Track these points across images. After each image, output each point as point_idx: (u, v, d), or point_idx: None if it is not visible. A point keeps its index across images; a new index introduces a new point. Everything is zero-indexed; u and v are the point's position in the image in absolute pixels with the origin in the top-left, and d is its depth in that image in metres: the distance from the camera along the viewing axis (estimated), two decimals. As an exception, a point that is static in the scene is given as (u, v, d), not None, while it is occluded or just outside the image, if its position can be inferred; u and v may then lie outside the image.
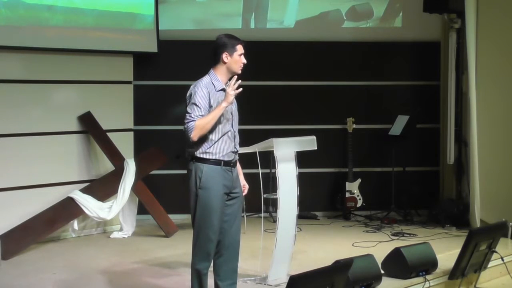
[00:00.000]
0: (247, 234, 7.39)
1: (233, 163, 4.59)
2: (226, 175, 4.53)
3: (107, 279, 5.72)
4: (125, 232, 7.38)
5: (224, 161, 4.51)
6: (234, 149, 4.59)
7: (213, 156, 4.50)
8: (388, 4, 8.76)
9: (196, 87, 4.51)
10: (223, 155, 4.52)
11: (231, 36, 4.66)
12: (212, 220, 4.49)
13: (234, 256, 4.68)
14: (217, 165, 4.50)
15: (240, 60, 4.57)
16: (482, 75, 7.54)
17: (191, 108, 4.46)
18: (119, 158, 7.38)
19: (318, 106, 8.63)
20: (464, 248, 5.46)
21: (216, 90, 4.53)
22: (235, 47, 4.56)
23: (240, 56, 4.58)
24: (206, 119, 4.41)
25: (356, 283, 5.03)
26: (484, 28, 7.53)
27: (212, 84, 4.53)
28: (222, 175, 4.51)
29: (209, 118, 4.42)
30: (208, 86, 4.51)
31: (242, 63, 4.58)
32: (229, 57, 4.55)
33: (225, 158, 4.52)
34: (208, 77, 4.57)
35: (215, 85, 4.53)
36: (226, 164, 4.53)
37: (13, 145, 6.93)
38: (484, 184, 7.42)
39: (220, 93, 4.53)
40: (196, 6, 8.57)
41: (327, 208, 8.59)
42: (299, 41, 8.60)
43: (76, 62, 7.42)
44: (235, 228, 4.66)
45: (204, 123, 4.41)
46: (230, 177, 4.56)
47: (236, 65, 4.56)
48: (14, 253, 6.45)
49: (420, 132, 8.48)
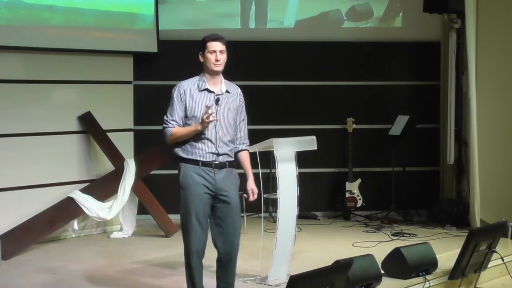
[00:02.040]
0: (247, 234, 7.39)
1: (215, 164, 4.56)
2: (206, 175, 4.53)
3: (107, 279, 5.72)
4: (125, 232, 7.38)
5: (202, 162, 4.53)
6: (215, 150, 4.56)
7: (191, 156, 4.55)
8: (388, 4, 8.76)
9: (175, 88, 4.64)
10: (201, 156, 4.54)
11: (208, 35, 4.64)
12: (191, 219, 4.51)
13: (229, 260, 4.66)
14: (195, 164, 4.53)
15: (211, 57, 4.54)
16: (482, 75, 7.54)
17: (168, 110, 4.60)
18: (119, 158, 7.38)
19: (318, 106, 8.63)
20: (464, 248, 5.46)
21: (199, 90, 4.57)
22: (205, 45, 4.56)
23: (212, 54, 4.54)
24: (181, 132, 4.53)
25: (356, 283, 5.03)
26: (484, 28, 7.53)
27: (196, 84, 4.59)
28: (201, 175, 4.53)
29: (184, 133, 4.53)
30: (188, 86, 4.59)
31: (214, 60, 4.53)
32: (202, 56, 4.58)
33: (203, 159, 4.54)
34: (197, 77, 4.64)
35: (198, 85, 4.58)
36: (206, 165, 4.53)
37: (13, 145, 6.93)
38: (484, 184, 7.42)
39: (204, 93, 4.57)
40: (196, 6, 8.57)
41: (327, 208, 8.59)
42: (299, 41, 8.60)
43: (76, 62, 7.42)
44: (230, 232, 4.61)
45: (178, 135, 4.54)
46: (211, 178, 4.53)
47: (208, 63, 4.55)
48: (14, 253, 6.45)
49: (420, 132, 8.49)
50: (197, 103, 4.55)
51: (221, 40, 4.59)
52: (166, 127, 4.57)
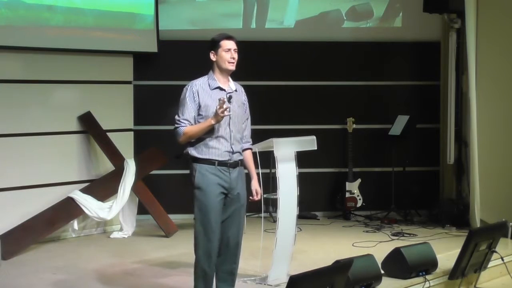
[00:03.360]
0: (247, 234, 7.36)
1: (230, 163, 4.56)
2: (222, 175, 4.53)
3: (107, 279, 5.72)
4: (125, 232, 7.38)
5: (218, 161, 4.52)
6: (230, 149, 4.57)
7: (207, 156, 4.52)
8: (388, 4, 8.76)
9: (186, 87, 4.62)
10: (217, 155, 4.53)
11: (219, 34, 4.67)
12: (209, 219, 4.49)
13: (231, 258, 4.68)
14: (211, 164, 4.51)
15: (225, 55, 4.56)
16: (482, 75, 7.54)
17: (180, 110, 4.56)
18: (119, 158, 7.38)
19: (318, 106, 8.63)
20: (464, 248, 5.46)
21: (211, 89, 4.58)
22: (219, 44, 4.57)
23: (227, 52, 4.56)
24: (194, 129, 4.50)
25: (356, 283, 5.02)
26: (484, 28, 7.53)
27: (207, 83, 4.59)
28: (217, 175, 4.52)
29: (197, 130, 4.50)
30: (200, 85, 4.58)
31: (230, 58, 4.57)
32: (215, 55, 4.59)
33: (220, 158, 4.53)
34: (206, 77, 4.64)
35: (210, 84, 4.59)
36: (222, 164, 4.53)
37: (13, 145, 6.93)
38: (484, 184, 7.41)
39: (216, 91, 4.57)
40: (196, 6, 8.57)
41: (327, 208, 8.59)
42: (299, 41, 8.60)
43: (76, 62, 7.42)
44: (234, 230, 4.64)
45: (191, 133, 4.50)
46: (227, 178, 4.54)
47: (222, 61, 4.57)
48: (14, 253, 6.45)
49: (420, 132, 8.49)
50: (212, 100, 4.54)
51: (234, 39, 4.63)
52: (179, 126, 4.53)
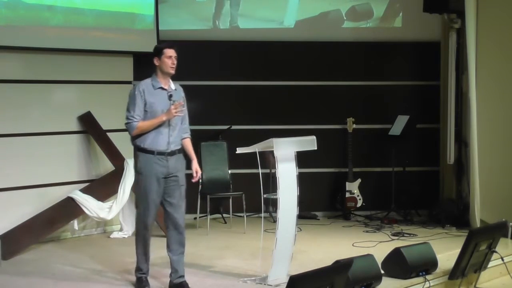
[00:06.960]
0: (247, 234, 7.40)
1: (167, 153, 5.26)
2: (161, 162, 5.25)
3: (107, 279, 5.72)
4: (125, 232, 7.38)
5: (157, 151, 5.24)
6: (167, 140, 5.26)
7: (148, 147, 5.25)
8: (388, 4, 8.76)
9: (134, 88, 5.35)
10: (156, 146, 5.24)
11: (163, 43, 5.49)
12: (147, 200, 5.27)
13: (179, 231, 5.35)
14: (151, 154, 5.24)
15: (168, 61, 5.28)
16: (482, 75, 7.54)
17: (131, 107, 5.27)
18: (119, 158, 7.38)
19: (318, 106, 8.63)
20: (464, 248, 5.46)
21: (154, 89, 5.30)
22: (162, 51, 5.30)
23: (169, 58, 5.28)
24: (147, 124, 5.24)
25: (356, 283, 5.03)
26: (484, 28, 7.54)
27: (151, 84, 5.31)
28: (156, 163, 5.24)
29: (149, 124, 5.23)
30: (145, 86, 5.29)
31: (171, 64, 5.28)
32: (159, 60, 5.30)
33: (158, 148, 5.25)
34: (149, 79, 5.34)
35: (153, 85, 5.31)
36: (160, 154, 5.24)
37: (13, 145, 6.93)
38: (484, 184, 7.42)
39: (159, 91, 5.29)
40: (196, 6, 8.57)
41: (327, 208, 8.59)
42: (299, 41, 8.60)
43: (76, 62, 7.42)
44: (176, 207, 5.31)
45: (144, 127, 5.24)
46: (165, 164, 5.26)
47: (165, 66, 5.28)
48: (14, 253, 6.45)
49: (420, 132, 8.49)
50: (155, 98, 5.26)
51: (175, 47, 5.35)
52: (131, 122, 5.26)
